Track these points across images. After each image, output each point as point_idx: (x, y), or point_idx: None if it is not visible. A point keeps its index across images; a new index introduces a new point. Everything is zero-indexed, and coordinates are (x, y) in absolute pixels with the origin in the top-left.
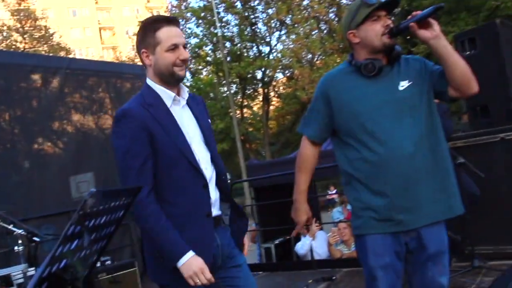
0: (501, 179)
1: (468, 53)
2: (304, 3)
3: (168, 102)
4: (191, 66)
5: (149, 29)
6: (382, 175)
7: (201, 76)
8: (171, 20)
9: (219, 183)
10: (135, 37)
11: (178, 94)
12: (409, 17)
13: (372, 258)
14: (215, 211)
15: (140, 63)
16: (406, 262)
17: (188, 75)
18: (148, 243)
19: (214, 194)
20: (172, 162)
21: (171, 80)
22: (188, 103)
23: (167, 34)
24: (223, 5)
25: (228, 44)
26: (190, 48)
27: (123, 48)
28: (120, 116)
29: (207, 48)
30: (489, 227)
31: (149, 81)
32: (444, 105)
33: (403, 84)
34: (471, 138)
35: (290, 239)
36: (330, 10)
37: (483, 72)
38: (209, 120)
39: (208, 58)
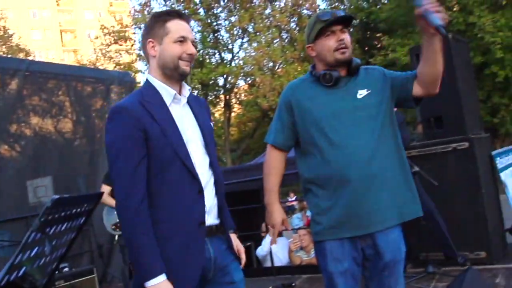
0: (453, 187)
1: None
2: (266, 12)
3: (167, 100)
4: None
5: (159, 19)
6: (340, 181)
7: None
8: (183, 15)
9: (217, 190)
10: (96, 41)
11: (180, 92)
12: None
13: (331, 264)
14: (211, 220)
15: (101, 67)
16: (364, 268)
17: None
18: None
19: (210, 201)
20: (165, 164)
21: (174, 74)
22: (189, 103)
23: (177, 26)
24: (186, 11)
25: None
26: None
27: (84, 51)
28: (114, 113)
29: None
30: (442, 234)
31: (149, 77)
32: (401, 115)
33: (362, 93)
34: (425, 148)
35: (251, 245)
36: (292, 20)
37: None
38: (212, 124)
39: None
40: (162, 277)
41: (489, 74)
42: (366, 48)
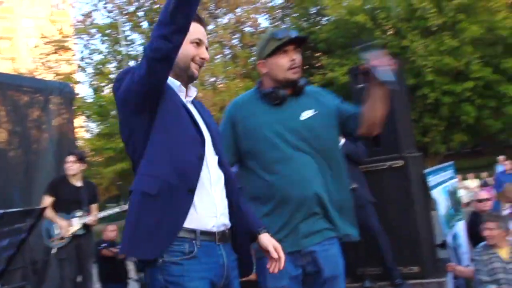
0: (389, 204)
1: (361, 85)
2: (210, 28)
3: (180, 95)
4: (94, 82)
5: None
6: (282, 200)
7: (104, 93)
8: (202, 20)
9: (228, 188)
10: (36, 49)
11: (186, 94)
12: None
13: (271, 281)
14: (223, 221)
15: (40, 77)
16: (304, 284)
17: (90, 90)
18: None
19: (220, 202)
20: (171, 124)
21: (183, 75)
22: (193, 104)
23: (195, 28)
24: (129, 24)
25: (132, 62)
26: (93, 64)
27: (22, 60)
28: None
29: (111, 66)
30: (379, 249)
31: None
32: None
33: (306, 114)
34: (363, 166)
35: None
36: (234, 36)
37: None
38: (216, 124)
39: (112, 76)
40: None
41: (420, 95)
42: (306, 67)
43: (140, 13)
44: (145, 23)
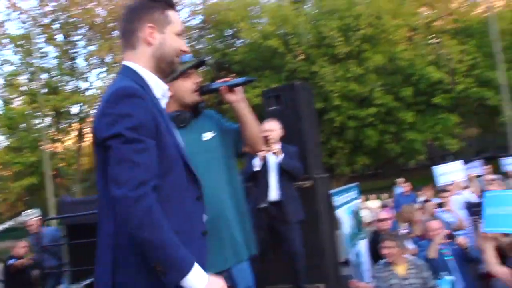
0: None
1: (273, 108)
2: None
3: (157, 95)
4: (3, 94)
5: (157, 4)
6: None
7: (13, 105)
8: (175, 7)
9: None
10: None
11: None
12: (220, 80)
13: None
14: None
15: None
16: None
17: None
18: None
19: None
20: (170, 164)
21: (167, 69)
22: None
23: (176, 18)
24: (44, 36)
25: (45, 75)
26: (3, 76)
27: None
28: (124, 94)
29: (23, 78)
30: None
31: (137, 66)
32: (294, 147)
33: (207, 136)
34: None
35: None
36: None
37: (284, 125)
38: None
39: (23, 88)
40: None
41: (328, 119)
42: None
43: (56, 26)
44: (60, 36)
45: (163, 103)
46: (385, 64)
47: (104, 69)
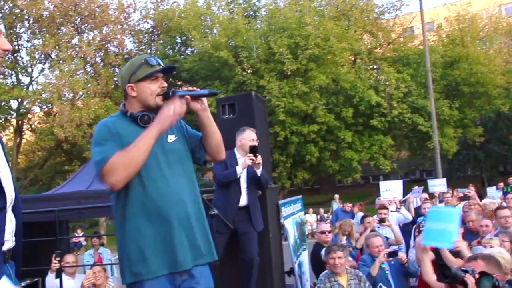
0: None
1: (227, 116)
2: (73, 41)
3: None
4: None
5: None
6: (159, 219)
7: None
8: None
9: (15, 210)
10: None
11: None
12: (185, 88)
13: None
14: (10, 244)
15: None
16: None
17: None
18: None
19: (10, 222)
20: None
21: None
22: None
23: None
24: None
25: None
26: None
27: None
28: None
29: None
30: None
31: None
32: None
33: (171, 138)
34: None
35: (38, 281)
36: (98, 54)
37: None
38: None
39: None
40: None
41: (272, 133)
42: None
43: None
44: (2, 26)
45: None
46: (329, 84)
47: (48, 65)
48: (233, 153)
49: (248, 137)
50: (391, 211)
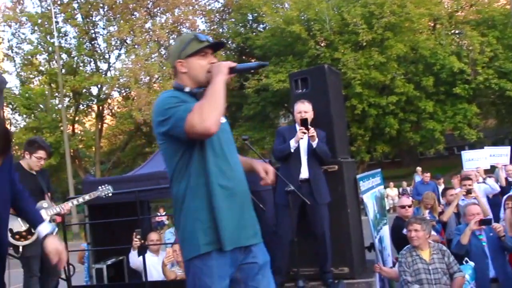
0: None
1: (300, 91)
2: (147, 26)
3: None
4: (22, 73)
5: None
6: (228, 194)
7: (32, 85)
8: None
9: None
10: None
11: None
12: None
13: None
14: None
15: None
16: (240, 272)
17: (17, 82)
18: None
19: None
20: None
21: None
22: None
23: None
24: (63, 15)
25: (64, 55)
26: (22, 54)
27: None
28: None
29: (42, 57)
30: (311, 251)
31: None
32: (323, 132)
33: (222, 119)
34: None
35: (123, 259)
36: (171, 36)
37: (312, 108)
38: None
39: (42, 68)
40: None
41: (349, 106)
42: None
43: (75, 5)
44: (79, 16)
45: None
46: (407, 53)
47: (124, 50)
48: (294, 127)
49: (296, 109)
50: (478, 182)
